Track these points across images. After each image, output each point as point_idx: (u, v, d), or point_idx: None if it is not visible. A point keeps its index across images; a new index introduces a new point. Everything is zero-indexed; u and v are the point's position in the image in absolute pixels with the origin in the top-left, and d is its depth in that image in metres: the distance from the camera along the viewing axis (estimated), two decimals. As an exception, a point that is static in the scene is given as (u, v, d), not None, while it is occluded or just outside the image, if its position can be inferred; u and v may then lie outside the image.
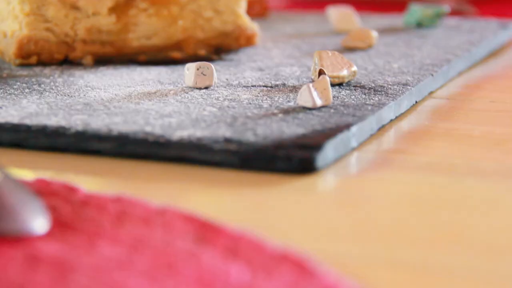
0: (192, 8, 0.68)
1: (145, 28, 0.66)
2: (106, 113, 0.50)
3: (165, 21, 0.67)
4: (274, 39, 0.75)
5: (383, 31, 0.76)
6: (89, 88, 0.56)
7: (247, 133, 0.47)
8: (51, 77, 0.60)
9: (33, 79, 0.59)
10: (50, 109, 0.51)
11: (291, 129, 0.48)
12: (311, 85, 0.52)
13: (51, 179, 0.41)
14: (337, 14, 0.78)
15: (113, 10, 0.65)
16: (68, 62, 0.65)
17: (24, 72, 0.62)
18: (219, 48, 0.69)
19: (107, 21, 0.65)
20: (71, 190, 0.40)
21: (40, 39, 0.64)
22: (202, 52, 0.67)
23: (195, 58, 0.66)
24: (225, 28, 0.69)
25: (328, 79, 0.53)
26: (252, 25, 0.70)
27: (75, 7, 0.64)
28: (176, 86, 0.57)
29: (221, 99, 0.54)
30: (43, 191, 0.40)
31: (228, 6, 0.69)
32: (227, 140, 0.46)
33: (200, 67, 0.56)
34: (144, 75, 0.60)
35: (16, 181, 0.39)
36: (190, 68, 0.57)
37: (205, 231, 0.36)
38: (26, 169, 0.47)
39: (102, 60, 0.65)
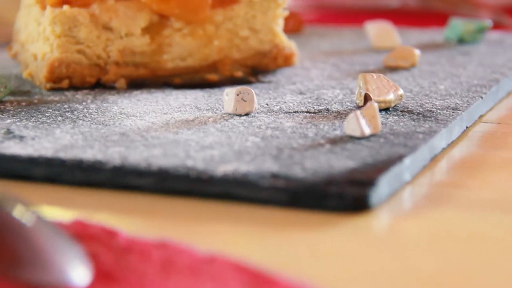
0: (228, 27, 0.65)
1: (180, 49, 0.64)
2: (144, 145, 0.48)
3: (200, 41, 0.64)
4: (312, 57, 0.72)
5: (424, 48, 0.73)
6: (124, 116, 0.54)
7: (295, 168, 0.44)
8: (84, 103, 0.57)
9: (65, 106, 0.57)
10: (85, 140, 0.49)
11: (340, 162, 0.45)
12: (358, 112, 0.49)
13: (89, 220, 0.39)
14: (375, 30, 0.76)
15: (146, 30, 0.63)
16: (100, 85, 0.62)
17: (55, 97, 0.59)
18: (256, 68, 0.66)
19: (140, 42, 0.62)
20: (111, 234, 0.38)
21: (71, 61, 0.61)
22: (239, 73, 0.64)
23: (232, 80, 0.63)
24: (262, 48, 0.66)
25: (376, 105, 0.50)
26: (290, 44, 0.67)
27: (107, 28, 0.62)
28: (215, 113, 0.55)
29: (263, 127, 0.51)
30: (80, 235, 0.38)
31: (265, 24, 0.66)
32: (274, 176, 0.43)
33: (240, 92, 0.54)
34: (180, 100, 0.58)
35: (50, 223, 0.37)
36: (230, 94, 0.54)
37: (259, 282, 0.34)
38: (60, 206, 0.44)
39: (136, 83, 0.62)
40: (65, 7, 0.60)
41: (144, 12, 0.62)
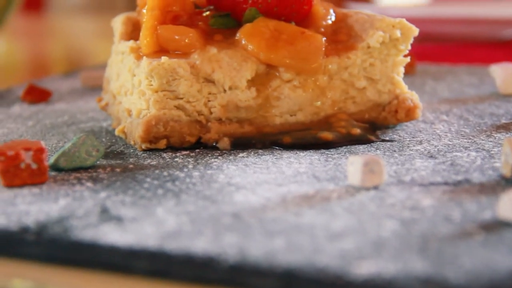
0: (343, 77, 0.58)
1: (289, 102, 0.57)
2: (262, 232, 0.41)
3: (312, 94, 0.57)
4: (432, 107, 0.64)
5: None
6: (233, 187, 0.47)
7: (448, 269, 0.36)
8: (185, 169, 0.50)
9: (165, 173, 0.50)
10: (193, 224, 0.42)
11: (504, 260, 0.37)
12: (514, 191, 0.42)
13: None
14: (504, 74, 0.67)
15: (252, 82, 0.56)
16: (200, 144, 0.55)
17: (152, 160, 0.53)
18: (374, 123, 0.59)
19: (246, 96, 0.56)
20: None
21: (170, 119, 0.55)
22: (357, 130, 0.56)
23: (348, 139, 0.56)
24: (381, 100, 0.59)
25: (534, 183, 0.42)
26: (412, 95, 0.59)
27: (209, 81, 0.55)
28: (337, 184, 0.47)
29: (398, 206, 0.44)
30: None
31: (384, 73, 0.59)
32: (426, 282, 0.36)
33: (368, 163, 0.46)
34: (294, 166, 0.51)
35: None
36: (355, 164, 0.47)
37: None
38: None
39: (240, 143, 0.55)
40: (164, 58, 0.54)
41: (250, 62, 0.55)
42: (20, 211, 0.44)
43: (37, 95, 0.70)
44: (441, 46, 0.96)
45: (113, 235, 0.41)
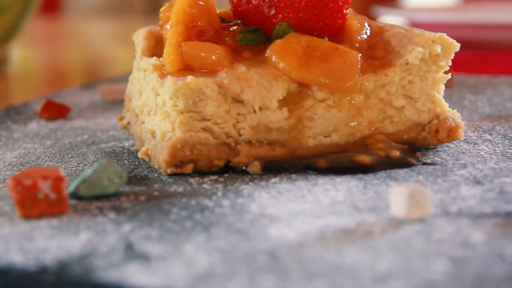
0: (380, 96, 0.54)
1: (323, 123, 0.53)
2: (301, 274, 0.37)
3: (347, 113, 0.54)
4: (474, 124, 0.61)
5: None
6: (267, 220, 0.44)
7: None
8: (214, 197, 0.47)
9: (193, 201, 0.47)
10: (226, 263, 0.38)
11: None
12: None
13: None
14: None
15: (284, 102, 0.52)
16: (229, 168, 0.52)
17: (179, 186, 0.49)
18: (413, 144, 0.55)
19: (277, 117, 0.52)
20: None
21: (197, 142, 0.51)
22: (396, 153, 0.53)
23: (387, 163, 0.52)
24: (421, 119, 0.56)
25: None
26: (453, 114, 0.56)
27: (238, 101, 0.52)
28: (379, 216, 0.44)
29: (447, 242, 0.40)
30: None
31: (424, 91, 0.55)
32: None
33: (413, 194, 0.43)
34: (331, 194, 0.47)
35: None
36: (399, 194, 0.43)
37: None
38: None
39: (272, 166, 0.52)
40: (189, 78, 0.50)
41: (281, 81, 0.52)
42: (38, 247, 0.40)
43: (55, 111, 0.66)
44: (477, 54, 0.92)
45: (139, 277, 0.37)
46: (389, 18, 1.06)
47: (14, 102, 0.78)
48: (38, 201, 0.44)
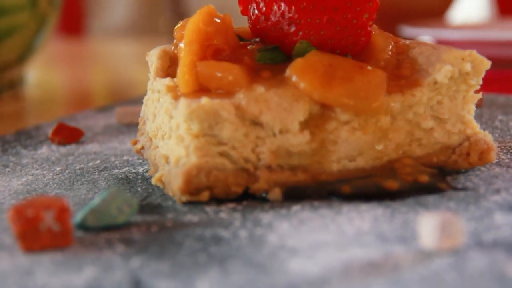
0: (408, 117, 0.51)
1: (347, 147, 0.50)
2: (323, 313, 0.34)
3: (373, 136, 0.50)
4: (506, 146, 0.57)
5: None
6: (287, 252, 0.40)
7: None
8: (231, 228, 0.44)
9: (208, 231, 0.44)
10: (241, 302, 0.35)
11: None
12: None
13: None
14: None
15: (305, 125, 0.49)
16: (248, 195, 0.49)
17: (194, 216, 0.46)
18: (442, 168, 0.52)
19: (298, 140, 0.49)
20: None
21: (213, 168, 0.48)
22: (425, 178, 0.49)
23: (416, 188, 0.49)
24: (451, 141, 0.52)
25: None
26: (485, 135, 0.53)
27: (257, 123, 0.49)
28: (408, 247, 0.41)
29: (482, 277, 0.37)
30: None
31: (453, 112, 0.52)
32: None
33: (444, 224, 0.39)
34: (356, 224, 0.44)
35: None
36: (429, 223, 0.40)
37: None
38: None
39: (293, 193, 0.49)
40: (204, 99, 0.47)
41: (302, 102, 0.49)
42: (38, 285, 0.37)
43: (67, 135, 0.64)
44: (507, 72, 0.88)
45: (146, 317, 0.34)
46: (415, 36, 1.03)
47: (26, 125, 0.76)
48: (40, 233, 0.41)
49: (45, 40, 0.89)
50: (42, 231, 0.41)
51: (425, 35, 1.02)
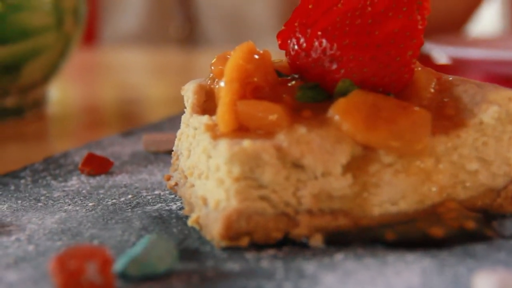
0: (452, 159, 0.50)
1: (391, 190, 0.49)
2: None
3: (417, 179, 0.49)
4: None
5: None
6: (336, 309, 0.39)
7: None
8: (273, 278, 0.43)
9: (251, 283, 0.42)
10: None
11: None
12: None
13: None
14: None
15: (347, 167, 0.48)
16: (288, 240, 0.48)
17: (235, 264, 0.45)
18: (486, 211, 0.51)
19: (340, 184, 0.48)
20: None
21: (253, 212, 0.47)
22: (471, 224, 0.48)
23: (462, 235, 0.47)
24: (495, 184, 0.51)
25: None
26: (531, 178, 0.51)
27: (298, 166, 0.47)
28: (462, 306, 0.39)
29: None
30: None
31: (499, 153, 0.51)
32: None
33: (502, 284, 0.38)
34: (404, 277, 0.43)
35: None
36: (485, 284, 0.38)
37: None
38: None
39: (335, 239, 0.47)
40: (246, 142, 0.46)
41: (345, 144, 0.47)
42: None
43: (97, 165, 0.62)
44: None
45: None
46: (428, 51, 1.01)
47: (52, 148, 0.74)
48: (82, 285, 0.40)
49: (69, 59, 0.88)
50: (84, 283, 0.39)
51: (441, 52, 1.00)
